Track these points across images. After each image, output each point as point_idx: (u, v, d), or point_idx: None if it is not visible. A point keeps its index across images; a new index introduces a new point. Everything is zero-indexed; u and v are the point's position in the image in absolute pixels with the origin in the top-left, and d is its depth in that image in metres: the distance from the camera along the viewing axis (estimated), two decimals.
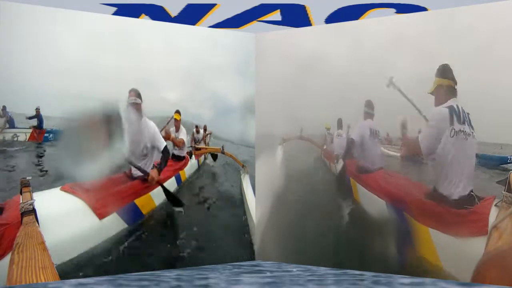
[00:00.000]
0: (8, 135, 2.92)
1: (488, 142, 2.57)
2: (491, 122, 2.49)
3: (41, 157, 2.97)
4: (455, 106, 2.55)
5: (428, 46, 2.76)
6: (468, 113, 2.58)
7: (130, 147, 3.16)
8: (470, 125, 2.54)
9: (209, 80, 3.44)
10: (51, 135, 3.01)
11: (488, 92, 2.51)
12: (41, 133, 3.03)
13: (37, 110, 2.95)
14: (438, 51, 2.70)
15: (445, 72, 2.56)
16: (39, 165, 2.91)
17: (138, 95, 3.12)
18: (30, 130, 3.02)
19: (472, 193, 2.57)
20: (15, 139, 2.95)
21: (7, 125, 2.89)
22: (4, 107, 2.82)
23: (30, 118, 2.99)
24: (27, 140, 3.00)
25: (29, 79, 2.75)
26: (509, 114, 2.48)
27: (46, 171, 2.87)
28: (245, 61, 3.44)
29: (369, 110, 3.01)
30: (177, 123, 3.59)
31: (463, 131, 2.54)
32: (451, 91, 2.54)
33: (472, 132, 2.53)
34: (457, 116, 2.55)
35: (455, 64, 2.58)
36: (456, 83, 2.54)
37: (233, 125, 3.55)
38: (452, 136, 2.54)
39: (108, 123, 2.97)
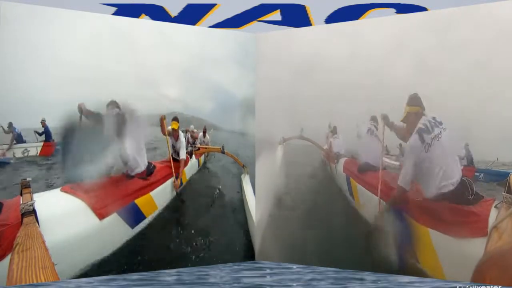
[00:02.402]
0: (18, 150, 2.85)
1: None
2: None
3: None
4: (423, 125, 2.75)
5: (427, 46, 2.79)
6: (435, 118, 2.75)
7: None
8: (439, 124, 2.74)
9: (210, 80, 3.44)
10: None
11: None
12: (49, 146, 2.92)
13: (43, 122, 2.87)
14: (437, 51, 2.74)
15: (414, 100, 2.81)
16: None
17: (117, 106, 3.03)
18: (41, 144, 2.92)
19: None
20: (25, 154, 2.88)
21: (15, 142, 2.82)
22: (10, 124, 2.77)
23: (40, 134, 2.91)
24: (38, 154, 2.93)
25: (30, 80, 2.74)
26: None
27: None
28: (245, 62, 3.44)
29: (374, 123, 3.21)
30: (176, 133, 3.51)
31: (437, 134, 2.71)
32: (420, 116, 2.80)
33: (443, 128, 2.74)
34: (427, 131, 2.72)
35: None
36: (424, 109, 2.79)
37: (234, 122, 3.55)
38: (427, 152, 2.70)
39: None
